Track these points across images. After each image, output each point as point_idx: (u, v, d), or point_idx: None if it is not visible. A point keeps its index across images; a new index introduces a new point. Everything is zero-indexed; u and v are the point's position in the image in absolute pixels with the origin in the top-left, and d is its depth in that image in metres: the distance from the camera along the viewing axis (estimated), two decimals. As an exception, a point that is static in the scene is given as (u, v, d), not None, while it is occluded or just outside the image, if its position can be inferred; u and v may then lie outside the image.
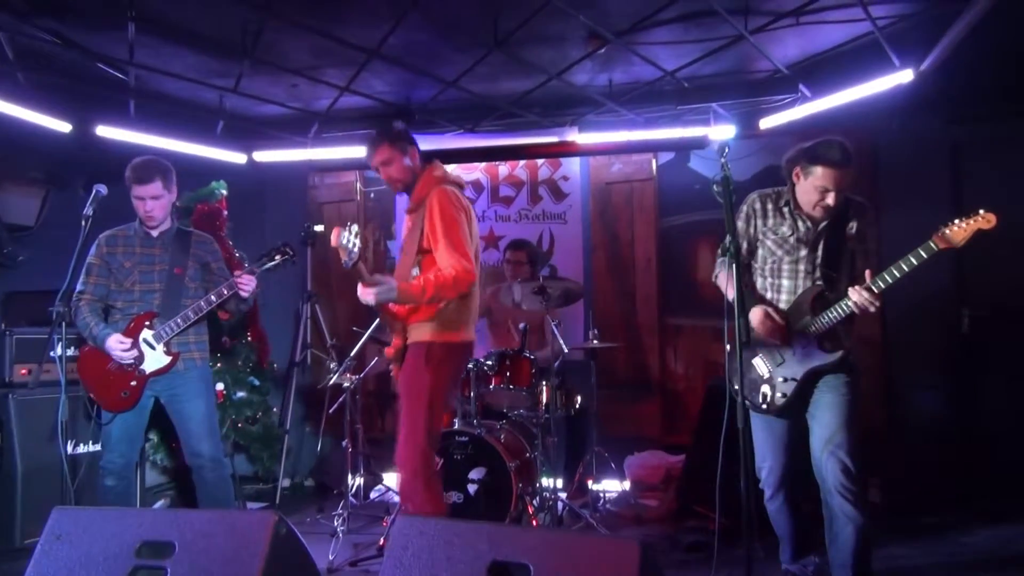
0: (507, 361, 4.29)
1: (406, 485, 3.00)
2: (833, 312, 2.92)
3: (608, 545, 2.09)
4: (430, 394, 3.00)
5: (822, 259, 3.00)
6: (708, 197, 5.75)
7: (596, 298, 5.59)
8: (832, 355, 2.95)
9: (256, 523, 2.30)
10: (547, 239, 6.03)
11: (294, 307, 6.19)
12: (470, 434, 4.02)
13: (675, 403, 5.78)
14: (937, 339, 5.10)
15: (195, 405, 3.48)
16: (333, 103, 5.45)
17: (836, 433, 2.91)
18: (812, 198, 2.94)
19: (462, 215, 3.06)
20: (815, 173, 2.90)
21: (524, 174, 6.16)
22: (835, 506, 2.91)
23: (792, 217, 3.06)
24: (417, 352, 3.06)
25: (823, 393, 2.99)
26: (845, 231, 3.00)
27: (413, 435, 2.98)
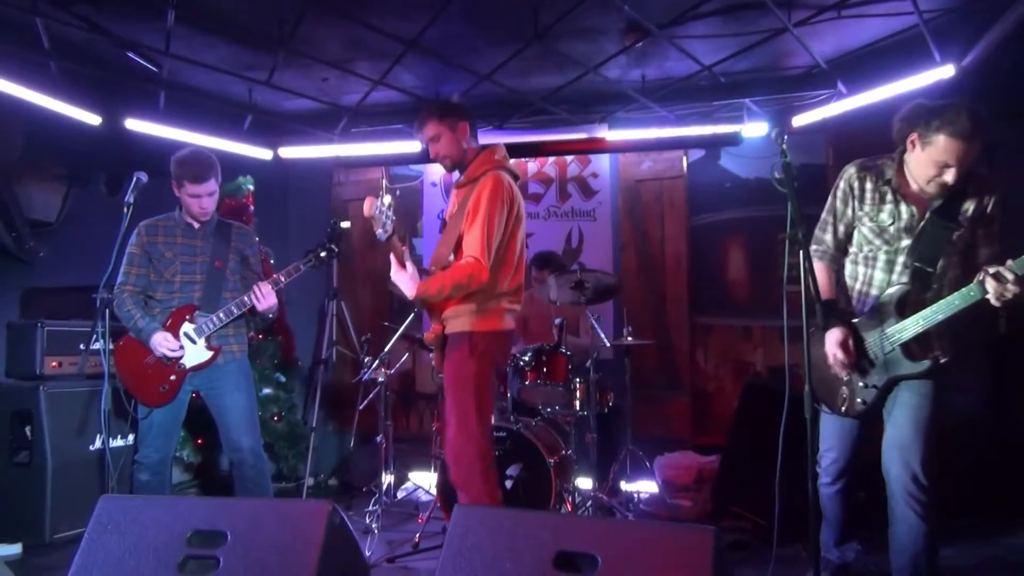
0: (543, 357, 4.22)
1: (462, 477, 2.92)
2: (922, 319, 2.59)
3: (680, 534, 2.03)
4: (476, 384, 2.94)
5: (918, 252, 2.65)
6: (739, 195, 5.82)
7: (626, 297, 5.53)
8: (918, 364, 2.64)
9: (310, 512, 2.25)
10: (576, 237, 5.99)
11: (319, 304, 6.16)
12: (508, 430, 3.96)
13: (705, 403, 5.71)
14: (974, 339, 5.01)
15: (235, 398, 3.42)
16: (364, 97, 5.41)
17: (907, 436, 2.67)
18: (928, 172, 2.54)
19: (505, 209, 2.95)
20: (936, 143, 2.48)
21: (553, 171, 6.12)
22: (898, 512, 2.75)
23: (895, 200, 2.68)
24: (459, 342, 3.00)
25: (903, 392, 2.73)
26: (958, 216, 2.60)
27: (465, 426, 2.92)
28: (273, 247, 5.04)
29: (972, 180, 2.59)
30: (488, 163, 3.05)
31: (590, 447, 4.25)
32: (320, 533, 2.18)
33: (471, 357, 2.96)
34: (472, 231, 2.90)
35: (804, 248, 2.38)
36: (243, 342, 3.56)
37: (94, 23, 4.20)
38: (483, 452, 2.91)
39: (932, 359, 2.64)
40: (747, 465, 4.21)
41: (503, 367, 3.18)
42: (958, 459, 4.66)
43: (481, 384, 2.96)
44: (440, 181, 6.30)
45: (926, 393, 2.68)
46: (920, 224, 2.64)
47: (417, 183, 6.42)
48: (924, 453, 2.65)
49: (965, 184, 2.57)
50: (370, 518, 4.33)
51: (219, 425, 3.44)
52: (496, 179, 2.95)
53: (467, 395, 2.94)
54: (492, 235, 2.89)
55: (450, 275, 2.86)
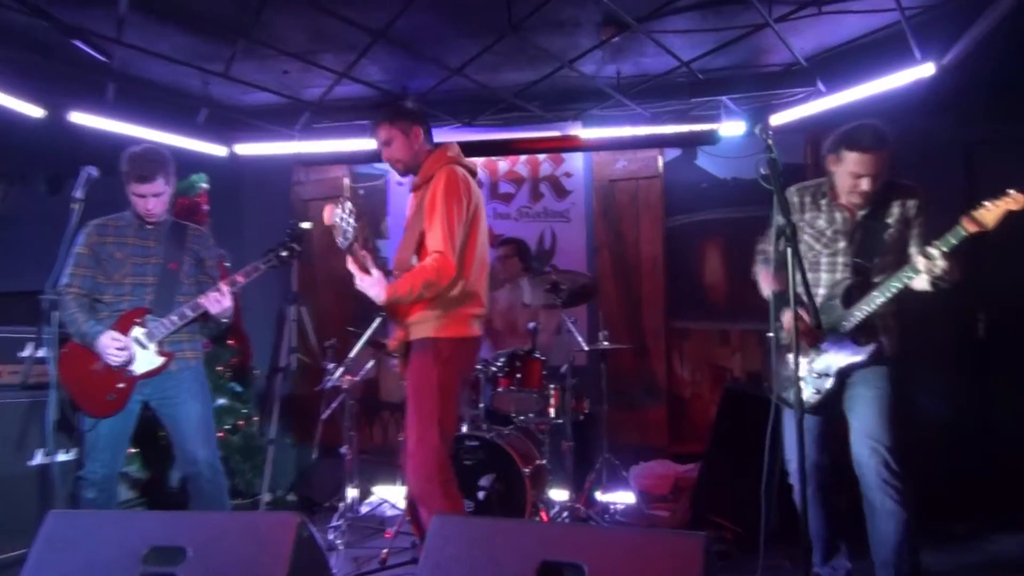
0: (517, 362, 4.22)
1: (422, 490, 2.92)
2: (865, 305, 2.95)
3: (669, 541, 2.03)
4: (440, 392, 2.94)
5: (856, 250, 3.05)
6: (716, 196, 5.87)
7: (601, 300, 5.54)
8: (865, 348, 2.98)
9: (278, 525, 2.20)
10: (549, 238, 6.00)
11: (277, 309, 6.07)
12: (481, 438, 3.94)
13: (682, 410, 5.75)
14: (953, 343, 5.13)
15: (190, 407, 3.34)
16: (327, 91, 5.36)
17: (874, 427, 2.94)
18: (847, 184, 2.99)
19: (464, 202, 3.00)
20: (847, 159, 2.96)
21: (525, 170, 6.13)
22: (876, 502, 2.94)
23: (829, 209, 3.11)
24: (423, 349, 3.00)
25: (859, 388, 3.03)
26: (886, 219, 3.03)
27: (426, 436, 2.92)
28: (228, 249, 4.93)
29: (894, 189, 3.04)
30: (440, 160, 3.10)
31: (566, 456, 4.26)
32: (288, 547, 2.13)
33: (435, 364, 2.96)
34: (433, 227, 2.93)
35: (792, 243, 2.44)
36: (198, 348, 3.49)
37: (37, 7, 4.09)
38: (443, 464, 2.92)
39: (877, 344, 2.99)
40: (727, 474, 4.24)
41: (469, 376, 3.20)
42: (939, 465, 4.76)
43: (445, 393, 2.96)
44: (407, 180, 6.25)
45: (882, 385, 2.99)
46: (854, 227, 3.06)
47: (382, 182, 6.38)
48: (892, 440, 2.91)
49: (888, 193, 3.02)
50: (334, 534, 4.27)
51: (172, 437, 3.35)
52: (450, 172, 3.01)
53: (430, 404, 2.94)
54: (453, 228, 2.93)
55: (418, 273, 2.87)
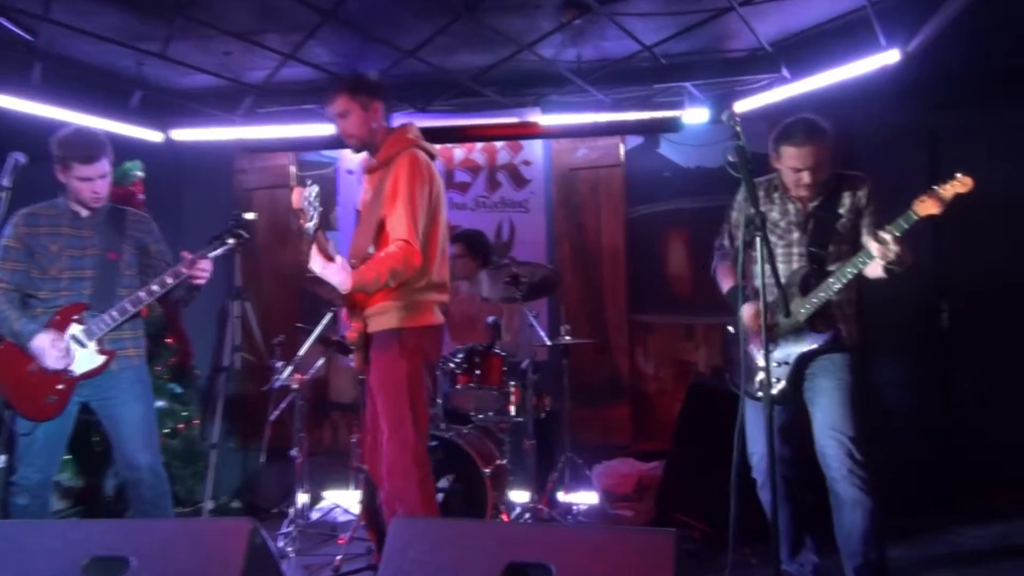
0: (476, 358, 4.23)
1: (398, 488, 2.92)
2: (822, 292, 3.08)
3: (638, 539, 2.07)
4: (409, 384, 2.96)
5: (810, 239, 3.19)
6: (679, 185, 5.95)
7: (562, 293, 5.58)
8: (823, 335, 3.12)
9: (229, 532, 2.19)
10: (507, 229, 6.03)
11: (219, 305, 5.98)
12: (439, 438, 3.95)
13: (646, 407, 5.83)
14: (916, 334, 5.29)
15: (132, 409, 3.29)
16: (272, 73, 5.29)
17: (837, 417, 3.05)
18: (790, 180, 3.16)
19: (427, 188, 3.02)
20: (785, 154, 3.13)
21: (481, 158, 6.13)
22: (841, 492, 3.05)
23: (782, 202, 3.26)
24: (388, 341, 3.01)
25: (819, 378, 3.14)
26: (838, 209, 3.18)
27: (398, 432, 2.93)
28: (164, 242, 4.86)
29: (842, 179, 3.20)
30: (401, 142, 3.09)
31: (527, 455, 4.29)
32: (240, 555, 2.12)
33: (402, 356, 2.97)
34: (395, 214, 2.93)
35: (762, 232, 2.50)
36: (140, 345, 3.43)
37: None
38: (420, 459, 2.92)
39: (835, 331, 3.12)
40: (692, 471, 4.31)
41: (435, 364, 3.21)
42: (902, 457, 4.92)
43: (414, 385, 2.98)
44: (357, 169, 6.22)
45: (843, 375, 3.10)
46: (807, 218, 3.20)
47: (331, 171, 6.33)
48: (855, 430, 3.02)
49: (837, 184, 3.19)
50: (284, 541, 4.25)
51: (113, 440, 3.29)
52: (412, 157, 3.01)
53: (400, 398, 2.95)
54: (417, 215, 2.94)
55: (383, 261, 2.87)
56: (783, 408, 3.18)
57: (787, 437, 3.22)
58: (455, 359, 4.23)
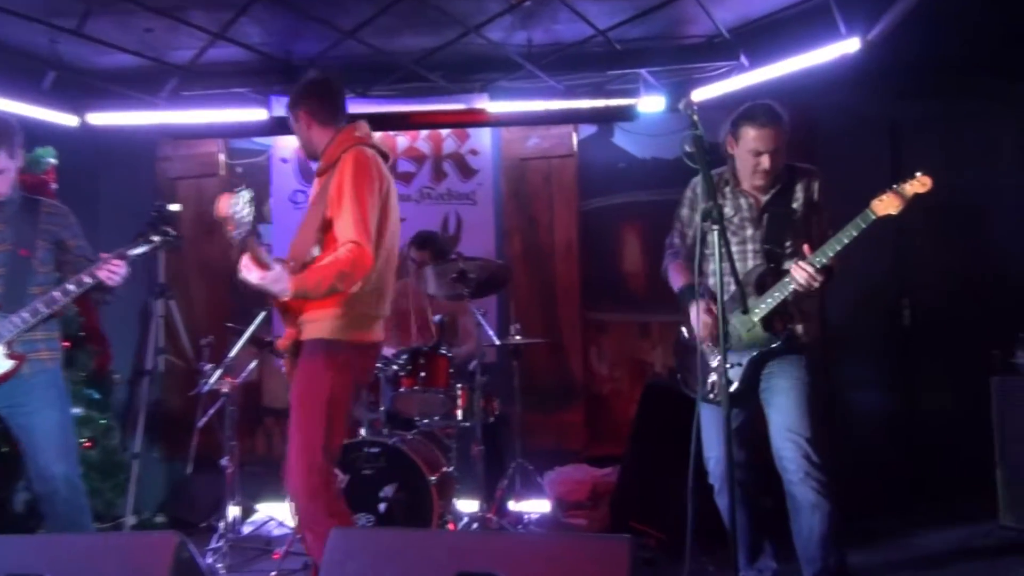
0: (420, 360, 4.23)
1: (304, 511, 2.91)
2: (777, 292, 3.13)
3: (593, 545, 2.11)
4: (329, 403, 2.91)
5: (765, 235, 3.24)
6: (635, 177, 6.02)
7: (512, 290, 5.61)
8: (778, 336, 3.17)
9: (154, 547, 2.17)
10: (453, 222, 6.04)
11: (141, 304, 5.88)
12: (382, 444, 3.94)
13: (600, 409, 5.89)
14: (878, 332, 5.45)
15: (46, 416, 3.22)
16: (199, 54, 5.20)
17: (794, 419, 3.12)
18: (748, 165, 3.20)
19: (376, 185, 2.98)
20: (745, 136, 3.18)
21: (426, 147, 6.12)
22: (798, 496, 3.12)
23: (734, 196, 3.30)
24: (315, 351, 2.96)
25: (775, 378, 3.21)
26: (791, 203, 3.25)
27: (307, 451, 2.89)
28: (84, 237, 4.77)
29: (795, 172, 3.27)
30: (348, 141, 3.08)
31: (475, 462, 4.30)
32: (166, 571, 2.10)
33: (328, 369, 2.93)
34: (342, 215, 2.89)
35: (720, 225, 2.55)
36: (55, 348, 3.36)
37: None
38: (327, 482, 2.91)
39: (790, 331, 3.18)
40: (648, 476, 4.38)
41: (364, 386, 3.18)
42: (865, 457, 5.07)
43: (335, 404, 2.93)
44: (292, 157, 6.16)
45: (800, 375, 3.17)
46: (760, 213, 3.25)
47: (263, 159, 6.26)
48: (811, 431, 3.10)
49: (790, 176, 3.25)
50: (214, 557, 4.20)
51: (26, 449, 3.22)
52: (358, 154, 2.98)
53: (315, 415, 2.91)
54: (367, 214, 2.89)
55: (331, 265, 2.82)
56: (740, 410, 3.24)
57: (744, 440, 3.28)
58: (398, 361, 4.22)
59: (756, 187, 3.25)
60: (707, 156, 2.71)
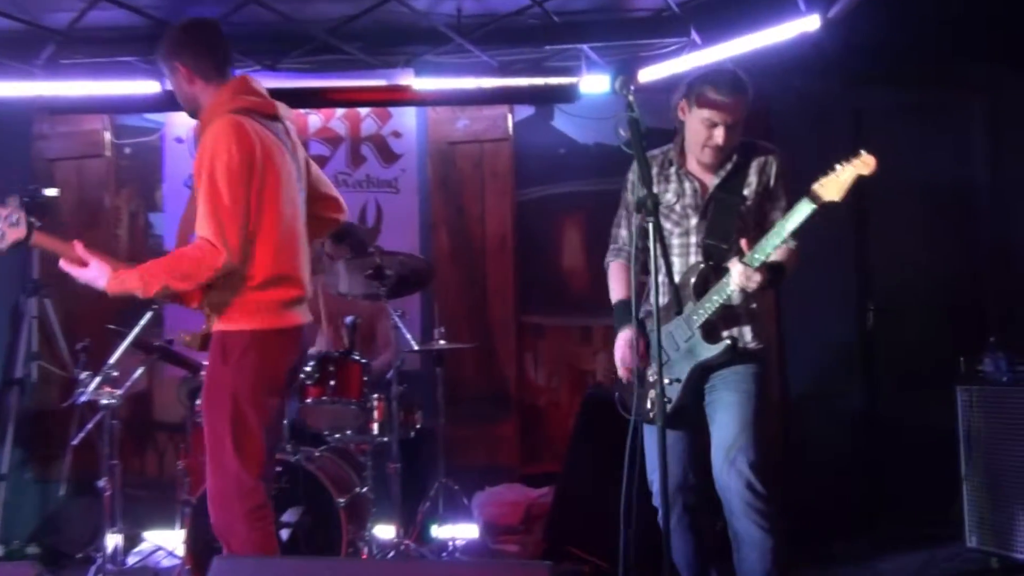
0: (330, 366, 4.19)
1: (222, 524, 2.89)
2: (716, 294, 3.02)
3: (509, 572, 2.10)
4: (234, 400, 2.90)
5: (707, 228, 3.13)
6: (577, 164, 6.04)
7: (438, 289, 5.59)
8: (717, 346, 3.04)
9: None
10: (373, 213, 6.00)
11: (11, 304, 5.73)
12: (284, 462, 3.89)
13: (536, 422, 5.91)
14: (838, 336, 5.55)
15: None
16: (80, 16, 5.07)
17: (736, 436, 3.01)
18: (700, 135, 3.07)
19: (243, 161, 2.84)
20: (701, 101, 3.05)
21: (342, 127, 6.08)
22: (740, 530, 3.04)
23: (678, 179, 3.20)
24: (215, 345, 2.96)
25: (719, 391, 3.11)
26: (743, 190, 3.14)
27: (219, 457, 2.89)
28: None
29: (749, 151, 3.16)
30: (219, 106, 2.96)
31: (393, 482, 4.27)
32: (21, 608, 2.04)
33: (225, 365, 2.93)
34: (198, 205, 2.85)
35: (654, 216, 2.54)
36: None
37: None
38: (245, 490, 2.88)
39: (731, 340, 3.04)
40: (587, 496, 4.39)
41: (283, 376, 3.09)
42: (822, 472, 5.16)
43: (240, 400, 2.91)
44: (189, 136, 6.04)
45: (746, 388, 3.07)
46: (705, 200, 3.15)
47: (155, 138, 6.16)
48: (756, 455, 3.00)
49: (745, 158, 3.15)
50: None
51: None
52: (220, 127, 2.85)
53: (219, 415, 2.91)
54: (222, 204, 2.81)
55: (169, 263, 2.84)
56: (685, 431, 3.17)
57: (694, 462, 3.21)
58: (305, 367, 4.15)
59: (703, 165, 3.15)
60: (643, 142, 2.67)
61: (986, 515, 4.31)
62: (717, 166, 3.14)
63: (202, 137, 2.91)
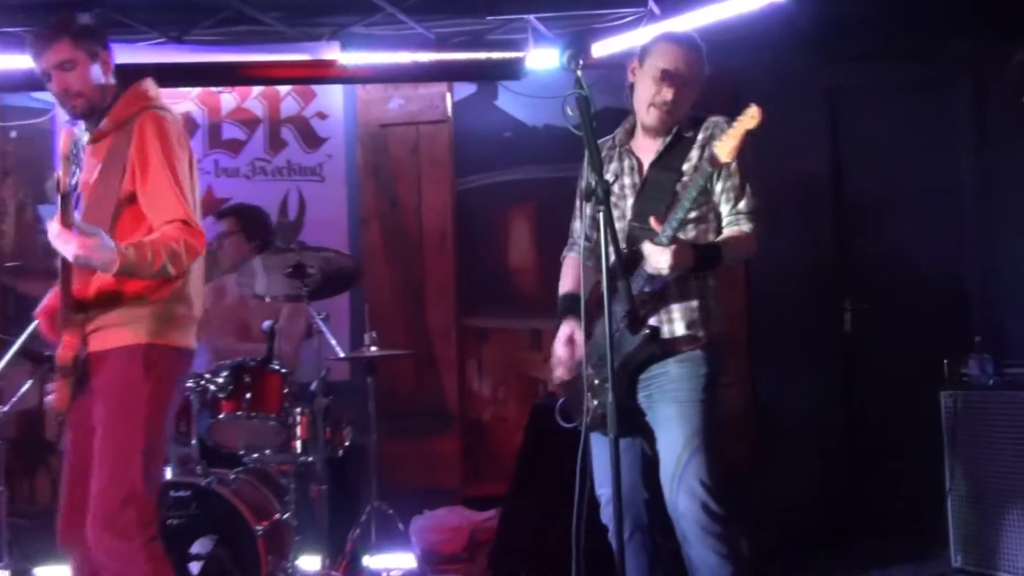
0: (246, 377, 4.14)
1: (115, 553, 2.85)
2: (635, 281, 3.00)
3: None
4: (150, 417, 2.92)
5: (638, 208, 3.14)
6: (525, 149, 6.03)
7: (369, 289, 5.56)
8: (636, 338, 2.97)
9: None
10: (295, 203, 5.98)
11: None
12: (194, 486, 3.86)
13: (480, 438, 5.92)
14: (815, 337, 5.62)
15: None
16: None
17: (682, 455, 3.00)
18: (648, 92, 3.10)
19: (184, 155, 3.02)
20: (653, 53, 3.13)
21: (260, 108, 6.06)
22: (694, 558, 3.04)
23: (619, 155, 3.24)
24: (125, 359, 2.94)
25: (656, 403, 3.10)
26: (682, 165, 3.12)
27: (123, 474, 2.86)
28: None
29: (697, 124, 3.17)
30: (141, 100, 3.06)
31: (318, 506, 4.24)
32: None
33: (147, 379, 2.93)
34: (154, 188, 2.90)
35: (605, 204, 2.54)
36: None
37: None
38: (147, 518, 2.90)
39: (649, 330, 2.97)
40: (534, 516, 4.42)
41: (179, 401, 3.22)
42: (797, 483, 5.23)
43: (155, 418, 2.95)
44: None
45: (691, 395, 3.03)
46: (643, 179, 3.19)
47: (45, 120, 6.09)
48: (707, 473, 2.98)
49: (690, 129, 3.15)
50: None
51: None
52: (159, 118, 2.99)
53: (132, 432, 2.90)
54: (185, 187, 2.93)
55: (160, 241, 2.80)
56: (632, 439, 3.17)
57: (644, 474, 3.22)
58: (217, 379, 4.12)
59: (649, 132, 3.16)
60: (593, 122, 2.71)
61: (972, 532, 4.40)
62: (660, 131, 3.15)
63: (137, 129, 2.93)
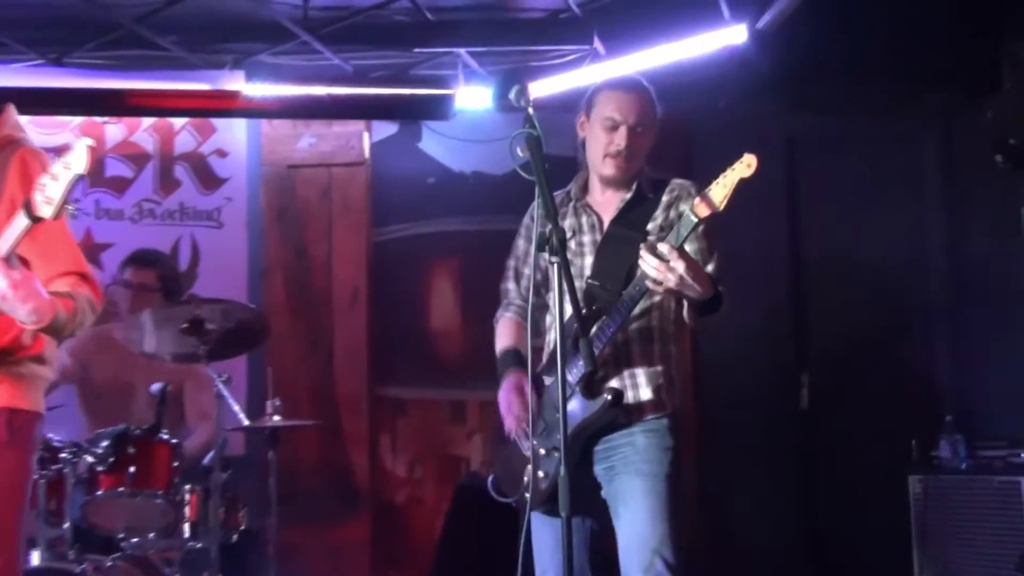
0: (130, 448, 4.07)
1: None
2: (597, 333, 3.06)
3: None
4: (19, 487, 2.90)
5: (596, 267, 3.22)
6: (450, 197, 6.08)
7: (271, 350, 5.52)
8: (596, 401, 3.04)
9: None
10: (187, 252, 5.95)
11: None
12: (65, 574, 3.79)
13: (394, 523, 5.89)
14: (769, 417, 5.70)
15: None
16: None
17: (648, 535, 3.04)
18: (600, 142, 3.22)
19: None
20: (600, 101, 3.25)
21: (150, 142, 6.04)
22: None
23: (576, 212, 3.34)
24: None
25: (619, 475, 3.14)
26: (645, 224, 3.22)
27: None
28: None
29: (663, 186, 3.30)
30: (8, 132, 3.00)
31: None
32: None
33: (11, 445, 2.88)
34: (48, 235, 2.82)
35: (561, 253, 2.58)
36: None
37: None
38: None
39: (611, 394, 3.02)
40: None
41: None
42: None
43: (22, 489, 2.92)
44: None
45: (652, 470, 3.08)
46: (604, 237, 3.27)
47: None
48: (673, 556, 3.02)
49: (654, 190, 3.29)
50: None
51: None
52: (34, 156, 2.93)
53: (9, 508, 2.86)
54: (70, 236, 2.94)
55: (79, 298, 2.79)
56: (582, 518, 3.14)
57: (592, 559, 3.23)
58: (96, 449, 4.04)
59: (607, 184, 3.28)
60: (544, 164, 2.71)
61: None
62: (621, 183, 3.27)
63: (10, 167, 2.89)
